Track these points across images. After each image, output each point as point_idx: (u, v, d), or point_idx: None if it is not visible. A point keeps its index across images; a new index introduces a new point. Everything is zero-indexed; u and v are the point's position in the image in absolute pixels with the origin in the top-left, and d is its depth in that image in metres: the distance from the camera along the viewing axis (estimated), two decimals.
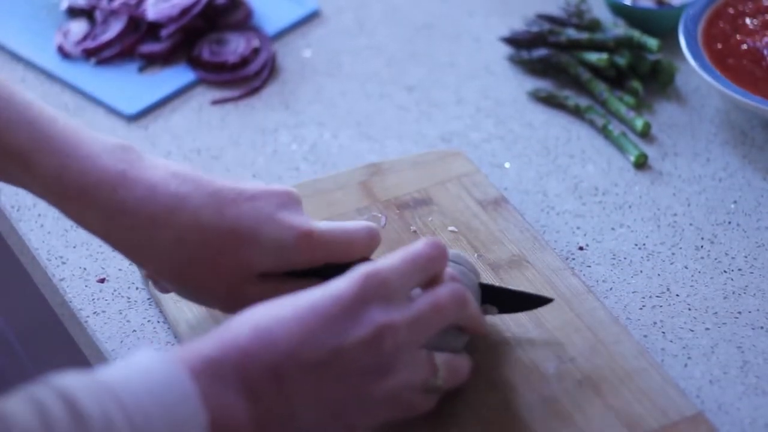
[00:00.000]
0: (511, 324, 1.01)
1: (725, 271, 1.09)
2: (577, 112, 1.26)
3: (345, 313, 0.83)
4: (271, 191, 0.95)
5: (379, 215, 1.11)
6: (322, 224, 0.95)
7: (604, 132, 1.24)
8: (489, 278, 1.05)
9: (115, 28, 1.37)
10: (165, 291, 1.01)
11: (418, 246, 0.89)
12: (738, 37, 1.26)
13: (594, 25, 1.32)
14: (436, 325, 0.88)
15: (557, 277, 1.05)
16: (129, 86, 1.32)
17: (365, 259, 0.97)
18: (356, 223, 0.97)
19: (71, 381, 0.77)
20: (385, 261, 0.87)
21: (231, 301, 0.95)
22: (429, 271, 0.89)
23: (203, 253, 0.93)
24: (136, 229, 0.92)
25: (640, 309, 1.06)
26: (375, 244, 0.98)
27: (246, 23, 1.39)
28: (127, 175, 0.92)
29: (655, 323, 1.05)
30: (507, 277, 1.05)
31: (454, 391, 0.94)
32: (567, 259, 1.11)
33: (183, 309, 1.04)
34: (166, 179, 0.93)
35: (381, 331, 0.84)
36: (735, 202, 1.16)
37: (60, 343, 1.20)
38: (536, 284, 1.04)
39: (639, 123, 1.24)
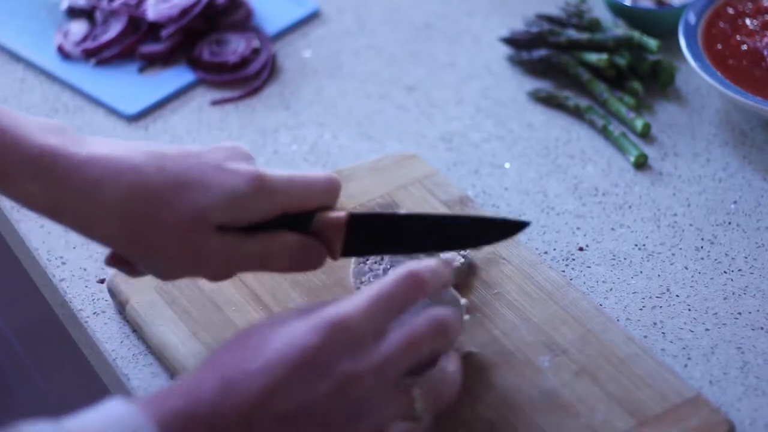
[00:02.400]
0: (498, 321, 1.01)
1: (725, 272, 1.09)
2: (577, 113, 1.26)
3: (311, 365, 0.81)
4: (219, 147, 0.93)
5: None
6: (275, 171, 0.92)
7: (604, 132, 1.24)
8: (469, 279, 1.05)
9: (115, 28, 1.37)
10: (132, 273, 0.97)
11: (389, 283, 0.85)
12: (738, 37, 1.26)
13: (594, 26, 1.32)
14: (409, 361, 0.84)
15: (535, 272, 1.06)
16: (129, 86, 1.33)
17: (328, 208, 0.94)
18: (314, 173, 0.94)
19: (40, 428, 0.76)
20: (352, 303, 0.83)
21: (195, 261, 0.92)
22: (402, 308, 0.85)
23: (151, 210, 0.90)
24: (81, 194, 0.90)
25: (640, 309, 1.06)
26: (335, 191, 0.94)
27: (246, 23, 1.39)
28: (67, 147, 0.90)
29: (655, 324, 1.05)
30: (485, 276, 1.05)
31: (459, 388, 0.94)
32: (567, 259, 1.11)
33: (167, 333, 1.02)
34: (106, 146, 0.91)
35: (348, 382, 0.81)
36: (735, 202, 1.16)
37: (60, 343, 1.20)
38: (516, 279, 1.05)
39: (639, 123, 1.24)
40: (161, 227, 0.90)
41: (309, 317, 0.83)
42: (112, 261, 0.97)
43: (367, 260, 1.03)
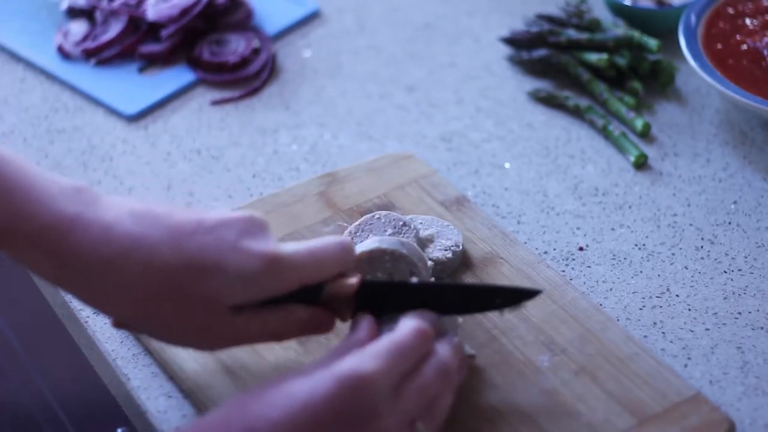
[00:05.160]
0: (497, 321, 1.01)
1: (725, 272, 1.09)
2: (577, 113, 1.26)
3: (338, 422, 0.82)
4: (232, 219, 0.90)
5: (345, 224, 1.10)
6: (289, 246, 0.91)
7: (604, 132, 1.24)
8: (467, 278, 1.06)
9: (115, 28, 1.37)
10: (138, 333, 0.97)
11: (404, 338, 0.87)
12: (738, 37, 1.26)
13: (594, 26, 1.32)
14: (422, 408, 0.87)
15: (533, 271, 1.06)
16: (129, 86, 1.33)
17: (342, 275, 0.94)
18: (326, 240, 0.93)
19: None
20: (372, 359, 0.84)
21: (205, 339, 0.92)
22: (416, 360, 0.87)
23: (166, 291, 0.88)
24: (91, 273, 0.88)
25: (640, 309, 1.06)
26: (349, 257, 0.94)
27: (246, 23, 1.39)
28: (81, 217, 0.88)
29: (655, 323, 1.05)
30: (483, 275, 1.06)
31: (455, 396, 0.94)
32: (567, 259, 1.11)
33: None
34: (121, 218, 0.88)
35: None
36: (735, 202, 1.16)
37: (60, 343, 1.20)
38: (514, 279, 1.05)
39: (639, 123, 1.24)
40: (175, 308, 0.89)
41: (330, 369, 0.84)
42: (118, 326, 0.95)
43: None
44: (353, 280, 0.93)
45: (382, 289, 0.94)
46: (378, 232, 1.04)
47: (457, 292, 0.95)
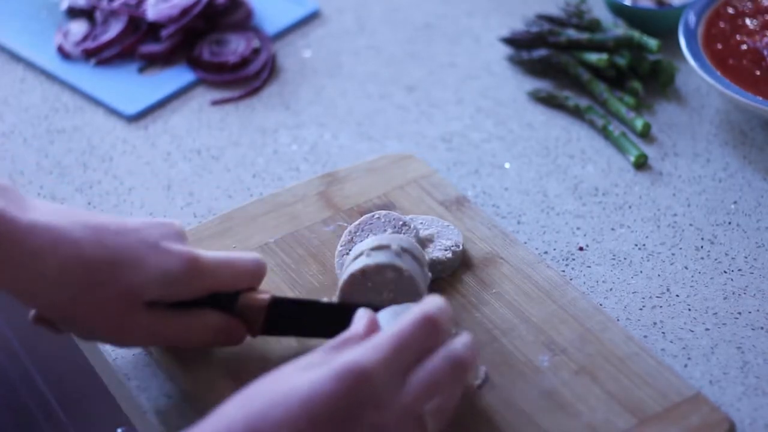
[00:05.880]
0: (497, 321, 1.01)
1: (725, 272, 1.09)
2: (577, 113, 1.27)
3: (338, 418, 0.82)
4: (154, 223, 0.95)
5: (345, 224, 1.10)
6: (207, 252, 0.95)
7: (604, 132, 1.24)
8: (467, 278, 1.05)
9: (115, 28, 1.37)
10: (56, 332, 0.98)
11: (407, 327, 0.85)
12: (738, 37, 1.26)
13: (594, 26, 1.32)
14: (430, 400, 0.84)
15: (534, 271, 1.06)
16: (129, 86, 1.33)
17: (252, 288, 0.97)
18: (243, 253, 0.98)
19: None
20: (373, 349, 0.83)
21: (120, 333, 0.95)
22: (421, 353, 0.85)
23: (86, 283, 0.92)
24: (20, 263, 0.91)
25: (640, 309, 1.06)
26: (261, 274, 0.98)
27: (246, 23, 1.39)
28: (6, 212, 0.90)
29: (655, 324, 1.05)
30: (484, 275, 1.05)
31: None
32: (567, 259, 1.11)
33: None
34: (46, 215, 0.92)
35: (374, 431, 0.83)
36: (735, 202, 1.16)
37: (60, 343, 1.20)
38: (514, 279, 1.05)
39: (639, 123, 1.24)
40: (95, 300, 0.93)
41: (332, 363, 0.83)
42: (38, 322, 0.98)
43: (348, 252, 1.04)
44: (266, 295, 0.97)
45: (293, 306, 0.97)
46: (378, 231, 1.04)
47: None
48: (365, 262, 0.98)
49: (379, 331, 0.87)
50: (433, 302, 0.87)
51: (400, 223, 1.05)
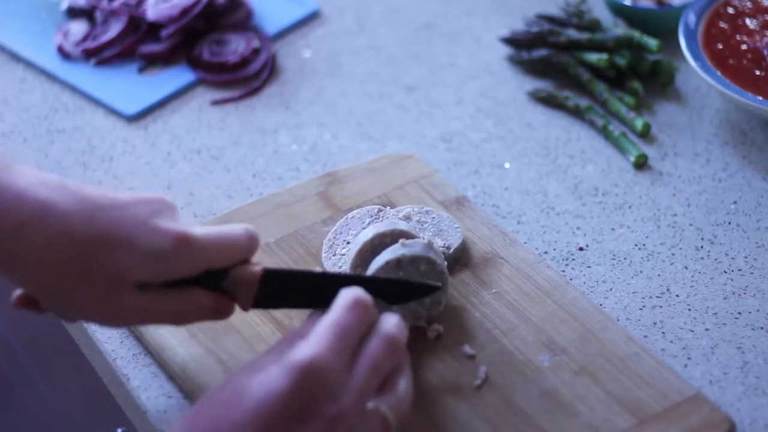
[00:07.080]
0: (498, 321, 1.01)
1: (725, 272, 1.09)
2: (577, 113, 1.26)
3: (294, 414, 0.82)
4: (145, 198, 0.91)
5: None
6: (198, 229, 0.92)
7: (604, 132, 1.24)
8: (467, 278, 1.06)
9: (115, 28, 1.37)
10: (39, 312, 0.95)
11: (342, 314, 0.87)
12: (738, 37, 1.26)
13: (594, 26, 1.32)
14: (377, 383, 0.87)
15: (534, 271, 1.06)
16: (129, 86, 1.33)
17: (245, 261, 0.95)
18: (233, 226, 0.94)
19: None
20: (316, 343, 0.84)
21: (107, 313, 0.92)
22: (360, 336, 0.87)
23: (74, 260, 0.88)
24: (3, 235, 0.87)
25: (640, 309, 1.06)
26: (254, 245, 0.95)
27: (246, 23, 1.39)
28: None
29: (655, 324, 1.05)
30: (483, 275, 1.05)
31: (454, 395, 0.94)
32: (567, 259, 1.11)
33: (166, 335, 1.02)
34: (33, 185, 0.88)
35: (335, 421, 0.83)
36: (735, 202, 1.16)
37: (60, 343, 1.20)
38: (514, 279, 1.05)
39: (639, 123, 1.24)
40: (81, 279, 0.89)
41: (280, 362, 0.84)
42: (20, 303, 0.95)
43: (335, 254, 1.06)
44: (257, 267, 0.95)
45: (285, 278, 0.96)
46: (356, 228, 1.06)
47: (361, 283, 0.94)
48: (402, 252, 0.99)
49: (367, 304, 0.88)
50: (351, 289, 0.89)
51: (375, 210, 1.08)
